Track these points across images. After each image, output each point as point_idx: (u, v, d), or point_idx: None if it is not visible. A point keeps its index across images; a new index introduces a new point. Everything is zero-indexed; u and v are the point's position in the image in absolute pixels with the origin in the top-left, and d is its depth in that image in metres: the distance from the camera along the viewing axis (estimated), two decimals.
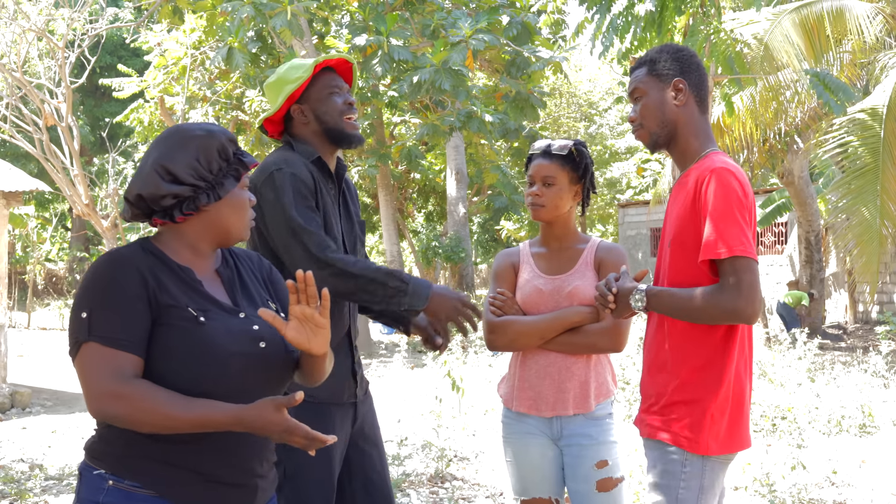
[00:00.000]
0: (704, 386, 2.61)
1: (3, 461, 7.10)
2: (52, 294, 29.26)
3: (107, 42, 23.44)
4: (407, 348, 15.83)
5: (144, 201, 2.18)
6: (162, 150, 2.20)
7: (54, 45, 13.92)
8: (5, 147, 22.08)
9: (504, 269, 3.30)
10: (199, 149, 2.20)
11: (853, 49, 12.92)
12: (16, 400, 10.25)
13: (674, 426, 2.62)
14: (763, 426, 7.88)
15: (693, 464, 2.60)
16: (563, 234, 3.27)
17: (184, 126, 2.26)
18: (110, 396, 2.00)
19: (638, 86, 2.81)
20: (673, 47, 2.83)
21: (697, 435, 2.59)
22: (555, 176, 3.19)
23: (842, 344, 17.24)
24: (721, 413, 2.60)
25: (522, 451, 3.21)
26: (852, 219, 11.02)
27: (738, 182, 2.58)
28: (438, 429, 6.88)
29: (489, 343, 3.22)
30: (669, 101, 2.76)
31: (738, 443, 2.67)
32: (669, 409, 2.64)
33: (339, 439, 2.94)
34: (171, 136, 2.23)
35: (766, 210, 20.72)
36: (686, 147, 2.77)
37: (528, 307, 3.21)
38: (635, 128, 2.82)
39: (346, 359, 3.02)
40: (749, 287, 2.50)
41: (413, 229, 32.57)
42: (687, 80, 2.76)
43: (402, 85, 14.88)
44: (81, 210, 14.60)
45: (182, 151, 2.19)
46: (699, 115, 2.78)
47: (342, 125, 3.05)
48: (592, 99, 38.28)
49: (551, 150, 3.21)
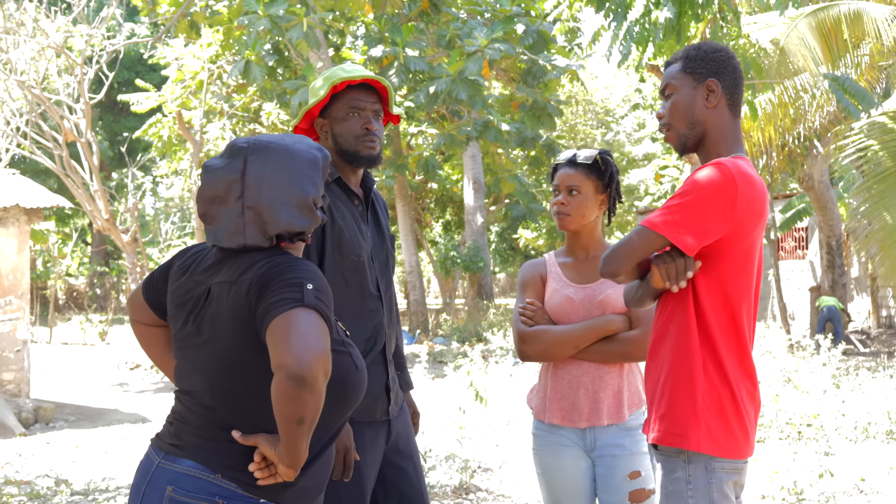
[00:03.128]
0: (681, 385, 2.53)
1: (28, 476, 7.12)
2: (73, 309, 29.41)
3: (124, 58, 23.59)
4: (427, 359, 15.81)
5: (297, 234, 2.28)
6: (304, 178, 2.27)
7: (73, 62, 14.02)
8: (26, 163, 22.23)
9: (531, 279, 3.28)
10: (324, 169, 2.33)
11: (871, 52, 12.85)
12: (39, 415, 10.30)
13: (662, 425, 2.55)
14: (789, 433, 7.81)
15: (697, 478, 2.51)
16: (590, 243, 3.25)
17: (306, 149, 2.32)
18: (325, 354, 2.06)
19: (670, 82, 2.71)
20: (711, 45, 2.71)
21: (685, 431, 2.50)
22: (580, 185, 3.17)
23: (866, 349, 17.10)
24: (708, 411, 2.50)
25: (555, 464, 3.18)
26: (874, 223, 10.94)
27: (724, 174, 2.47)
28: (462, 440, 6.85)
29: (521, 353, 3.18)
30: (700, 102, 2.66)
31: (738, 448, 2.54)
32: (657, 409, 2.59)
33: (372, 457, 2.91)
34: (305, 162, 2.29)
35: (786, 215, 20.59)
36: (712, 151, 2.66)
37: (559, 317, 3.18)
38: (663, 128, 2.73)
39: (381, 376, 2.97)
40: (620, 245, 2.56)
41: (431, 239, 32.60)
42: (721, 82, 2.65)
43: (419, 95, 14.91)
44: (101, 225, 14.68)
45: (318, 175, 2.30)
46: (730, 118, 2.67)
47: (356, 147, 2.96)
48: (609, 106, 38.24)
49: (577, 159, 3.20)
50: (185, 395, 2.30)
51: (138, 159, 21.25)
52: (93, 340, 21.18)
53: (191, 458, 2.19)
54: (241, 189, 2.23)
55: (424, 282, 29.08)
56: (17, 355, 10.35)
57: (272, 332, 2.06)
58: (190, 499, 2.16)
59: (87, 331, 21.35)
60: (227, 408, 2.21)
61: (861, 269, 20.29)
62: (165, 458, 2.23)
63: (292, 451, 2.09)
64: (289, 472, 2.13)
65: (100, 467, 7.47)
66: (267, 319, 2.09)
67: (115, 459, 7.82)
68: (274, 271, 2.16)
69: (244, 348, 2.18)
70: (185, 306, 2.31)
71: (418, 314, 22.19)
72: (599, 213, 3.23)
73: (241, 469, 2.16)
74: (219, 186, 2.26)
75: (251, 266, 2.21)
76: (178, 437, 2.25)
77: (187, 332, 2.29)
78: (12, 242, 10.42)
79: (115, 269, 29.80)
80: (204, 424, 2.22)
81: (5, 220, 10.38)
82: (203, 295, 2.27)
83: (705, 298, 2.55)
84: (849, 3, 11.84)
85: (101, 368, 15.99)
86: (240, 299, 2.18)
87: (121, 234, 15.12)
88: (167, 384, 14.03)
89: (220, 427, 2.20)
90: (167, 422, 2.33)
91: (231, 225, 2.24)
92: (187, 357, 2.31)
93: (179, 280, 2.36)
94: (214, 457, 2.18)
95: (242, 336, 2.18)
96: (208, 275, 2.29)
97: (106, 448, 8.37)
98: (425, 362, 15.26)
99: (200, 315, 2.26)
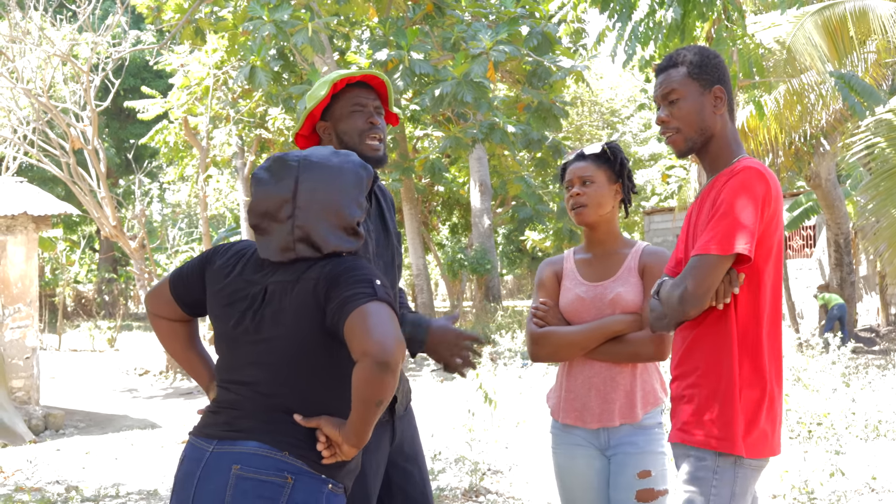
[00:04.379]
0: (716, 386, 2.58)
1: (39, 483, 7.13)
2: (81, 316, 29.46)
3: (130, 65, 23.65)
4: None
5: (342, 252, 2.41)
6: (350, 201, 2.40)
7: (79, 70, 14.03)
8: (33, 171, 22.27)
9: (546, 278, 3.26)
10: (368, 186, 2.48)
11: (878, 49, 12.81)
12: (49, 422, 10.32)
13: (698, 427, 2.59)
14: (799, 432, 7.79)
15: (724, 469, 2.56)
16: (607, 238, 3.21)
17: (353, 168, 2.43)
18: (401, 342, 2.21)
19: (676, 87, 2.71)
20: (710, 52, 2.74)
21: (728, 435, 2.55)
22: (593, 175, 3.15)
23: (875, 347, 17.04)
24: (743, 413, 2.56)
25: (569, 463, 3.18)
26: (882, 221, 10.90)
27: (761, 181, 2.56)
28: (471, 442, 6.85)
29: (532, 355, 3.18)
30: (709, 108, 2.70)
31: (768, 447, 2.61)
32: (691, 411, 2.62)
33: (377, 459, 2.90)
34: (352, 184, 2.42)
35: (793, 213, 20.54)
36: (719, 154, 2.72)
37: (570, 315, 3.17)
38: (669, 131, 2.73)
39: None
40: (695, 280, 2.53)
41: (438, 242, 32.59)
42: (725, 88, 2.71)
43: (424, 98, 14.92)
44: (109, 232, 14.69)
45: (362, 195, 2.44)
46: (731, 122, 2.74)
47: (361, 147, 2.93)
48: (615, 107, 38.20)
49: (584, 152, 3.21)
50: (240, 385, 2.38)
51: (145, 166, 21.27)
52: (101, 347, 21.22)
53: (254, 440, 2.28)
54: (292, 210, 2.36)
55: (432, 285, 29.06)
56: (26, 363, 10.38)
57: (352, 323, 2.22)
58: (259, 475, 2.25)
59: (95, 337, 21.39)
60: (292, 394, 2.33)
61: (869, 266, 20.23)
62: (221, 444, 2.31)
63: (361, 431, 2.24)
64: (351, 451, 2.29)
65: (110, 473, 7.49)
66: (345, 312, 2.24)
67: (125, 465, 7.83)
68: (340, 269, 2.32)
69: (310, 340, 2.31)
70: (237, 305, 2.41)
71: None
72: (615, 205, 3.20)
73: (308, 448, 2.29)
74: (271, 203, 2.38)
75: (312, 265, 2.36)
76: (232, 424, 2.33)
77: (244, 329, 2.39)
78: (20, 250, 10.44)
79: (123, 275, 29.82)
80: (264, 409, 2.33)
81: (13, 228, 10.41)
82: (260, 294, 2.38)
83: (743, 298, 2.59)
84: (854, 1, 11.81)
85: (110, 375, 16.01)
86: (306, 295, 2.31)
87: (128, 240, 15.13)
88: (176, 389, 14.04)
89: (282, 410, 2.31)
90: (210, 412, 2.42)
91: (282, 241, 2.37)
92: (241, 351, 2.40)
93: (227, 279, 2.46)
94: (279, 437, 2.28)
95: (309, 329, 2.31)
96: (262, 275, 2.41)
97: (116, 454, 8.38)
98: (434, 365, 15.25)
99: (260, 312, 2.37)
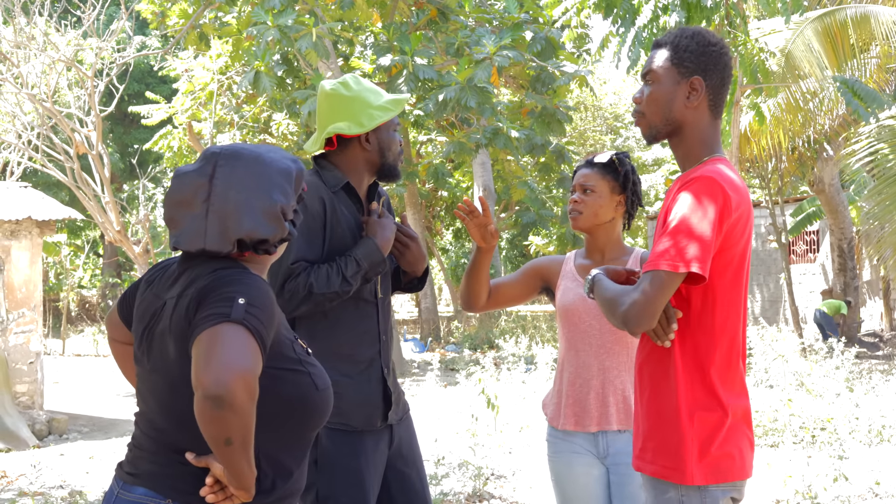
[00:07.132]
0: (659, 410, 2.40)
1: (43, 488, 7.14)
2: (85, 320, 29.49)
3: (134, 70, 23.67)
4: (439, 366, 15.80)
5: (259, 242, 2.16)
6: (273, 186, 2.16)
7: (83, 75, 14.07)
8: (37, 176, 22.32)
9: (534, 267, 3.35)
10: (297, 181, 2.22)
11: (880, 54, 12.83)
12: (53, 427, 10.33)
13: (651, 454, 2.42)
14: (803, 437, 7.78)
15: (690, 499, 2.36)
16: (606, 245, 3.25)
17: (280, 158, 2.21)
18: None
19: (654, 69, 2.51)
20: (706, 37, 2.50)
21: (677, 464, 2.35)
22: (594, 184, 3.18)
23: (878, 352, 17.03)
24: (696, 438, 2.35)
25: (567, 471, 3.18)
26: (886, 226, 10.90)
27: (717, 191, 2.33)
28: (475, 447, 6.85)
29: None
30: (681, 99, 2.47)
31: (736, 470, 2.39)
32: (643, 436, 2.46)
33: (375, 464, 2.93)
34: (276, 171, 2.19)
35: (796, 219, 20.51)
36: (689, 151, 2.51)
37: (570, 315, 3.20)
38: (636, 114, 2.55)
39: (378, 384, 3.00)
40: (638, 303, 2.30)
41: (442, 247, 32.61)
42: (707, 81, 2.47)
43: (428, 103, 14.93)
44: (113, 237, 14.72)
45: (290, 186, 2.20)
46: (709, 119, 2.50)
47: (396, 163, 3.10)
48: (618, 111, 38.20)
49: (593, 160, 3.24)
50: (141, 417, 2.21)
51: (149, 171, 21.32)
52: (105, 352, 21.22)
53: (143, 486, 2.12)
54: (208, 192, 2.13)
55: (436, 290, 29.06)
56: (30, 367, 10.39)
57: (195, 348, 1.95)
58: None
59: (99, 342, 21.40)
60: (178, 429, 2.10)
61: (873, 272, 20.20)
62: (123, 488, 2.16)
63: (232, 472, 1.98)
64: (241, 493, 2.03)
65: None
66: (193, 336, 1.97)
67: None
68: (213, 284, 2.05)
69: (186, 365, 2.00)
70: (140, 322, 2.21)
71: (430, 322, 22.18)
72: (616, 216, 3.22)
73: (192, 493, 2.06)
74: (186, 190, 2.15)
75: (198, 278, 2.10)
76: (135, 465, 2.17)
77: (142, 350, 2.18)
78: (25, 255, 10.47)
79: (127, 280, 29.86)
80: (157, 449, 2.13)
81: (18, 232, 10.44)
82: (158, 310, 2.16)
83: (693, 316, 2.40)
84: (855, 7, 11.84)
85: (113, 379, 16.02)
86: (181, 314, 2.07)
87: (132, 245, 15.16)
88: None
89: (173, 450, 2.10)
90: (128, 449, 2.25)
91: (193, 227, 2.12)
92: (142, 377, 2.21)
93: (143, 295, 2.25)
94: (166, 482, 2.09)
95: (185, 353, 2.03)
96: (165, 288, 2.18)
97: (119, 459, 8.38)
98: (437, 370, 15.23)
99: (151, 331, 2.15)
